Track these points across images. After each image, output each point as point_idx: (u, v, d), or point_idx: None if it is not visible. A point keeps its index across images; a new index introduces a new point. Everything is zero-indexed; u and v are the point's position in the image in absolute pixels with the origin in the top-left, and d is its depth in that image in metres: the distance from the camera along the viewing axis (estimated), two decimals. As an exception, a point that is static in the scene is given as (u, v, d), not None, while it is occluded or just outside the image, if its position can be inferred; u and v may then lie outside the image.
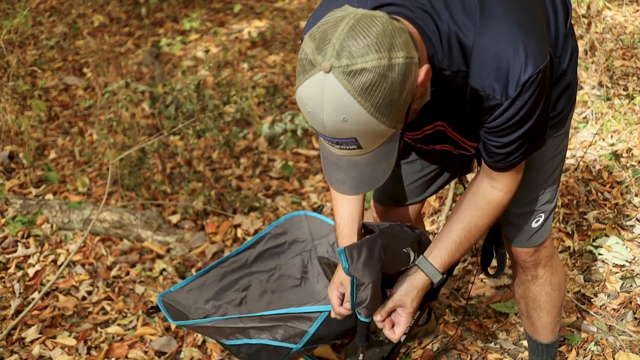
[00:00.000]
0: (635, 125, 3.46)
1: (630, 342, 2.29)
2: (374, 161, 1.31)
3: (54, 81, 4.86)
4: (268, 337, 1.77)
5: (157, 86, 4.06)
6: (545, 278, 1.91)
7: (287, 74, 4.62)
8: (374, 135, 1.25)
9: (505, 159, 1.49)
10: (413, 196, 2.01)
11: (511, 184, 1.58)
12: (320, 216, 2.25)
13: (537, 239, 1.82)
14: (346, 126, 1.21)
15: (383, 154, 1.30)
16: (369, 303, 1.58)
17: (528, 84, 1.34)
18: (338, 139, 1.24)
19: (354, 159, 1.31)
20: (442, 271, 1.61)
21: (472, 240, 1.62)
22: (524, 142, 1.46)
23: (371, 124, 1.21)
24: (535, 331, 2.04)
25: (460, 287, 2.67)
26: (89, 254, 3.08)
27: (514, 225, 1.80)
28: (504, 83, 1.34)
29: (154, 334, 2.59)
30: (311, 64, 1.20)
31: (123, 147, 3.65)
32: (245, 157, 3.79)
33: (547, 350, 2.08)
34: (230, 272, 2.15)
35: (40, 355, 2.50)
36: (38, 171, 3.70)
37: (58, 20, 5.76)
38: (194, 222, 3.29)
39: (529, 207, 1.77)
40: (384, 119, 1.21)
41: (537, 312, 1.98)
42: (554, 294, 1.94)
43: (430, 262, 1.61)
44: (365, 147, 1.27)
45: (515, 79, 1.34)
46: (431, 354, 2.35)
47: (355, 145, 1.26)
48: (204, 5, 5.99)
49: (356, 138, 1.24)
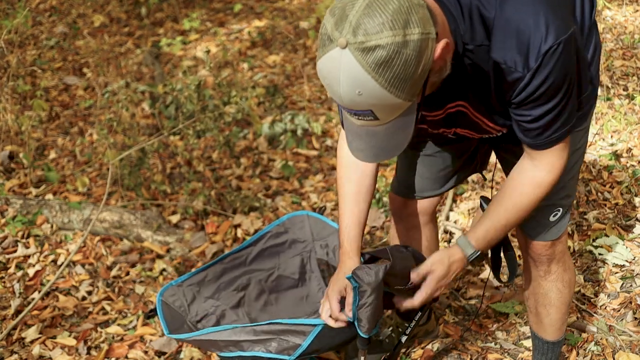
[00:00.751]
0: (635, 125, 3.47)
1: (630, 342, 2.29)
2: (391, 132, 1.36)
3: (54, 81, 4.86)
4: (262, 349, 1.76)
5: (157, 86, 4.06)
6: (558, 274, 1.90)
7: (287, 74, 4.62)
8: (389, 108, 1.30)
9: (540, 135, 1.49)
10: (432, 189, 2.03)
11: (554, 164, 1.55)
12: (322, 217, 2.24)
13: (554, 233, 1.82)
14: (361, 99, 1.27)
15: (400, 124, 1.35)
16: (369, 320, 1.60)
17: (549, 54, 1.35)
18: (355, 110, 1.31)
19: (372, 129, 1.36)
20: (477, 248, 1.63)
21: (511, 221, 1.62)
22: (555, 117, 1.45)
23: (386, 98, 1.26)
24: (543, 329, 2.03)
25: (461, 287, 2.67)
26: (89, 254, 3.08)
27: (532, 218, 1.78)
28: (525, 54, 1.36)
29: (154, 334, 2.59)
30: (329, 39, 1.26)
31: (123, 147, 3.65)
32: (245, 157, 3.79)
33: (552, 349, 2.07)
34: (230, 269, 2.15)
35: (40, 355, 2.50)
36: (38, 171, 3.70)
37: (58, 20, 5.76)
38: (194, 222, 3.29)
39: (548, 200, 1.73)
40: (398, 93, 1.26)
41: (546, 308, 1.97)
42: (565, 291, 1.93)
43: (467, 237, 1.64)
44: (382, 118, 1.32)
45: (536, 49, 1.35)
46: (431, 354, 2.35)
47: (372, 116, 1.31)
48: (204, 5, 5.99)
49: (372, 110, 1.29)
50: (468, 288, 2.65)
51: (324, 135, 3.88)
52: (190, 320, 2.03)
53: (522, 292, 2.56)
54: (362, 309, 1.60)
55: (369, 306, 1.59)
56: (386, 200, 3.23)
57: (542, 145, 1.52)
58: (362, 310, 1.60)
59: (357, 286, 1.54)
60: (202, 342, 1.87)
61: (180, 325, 1.96)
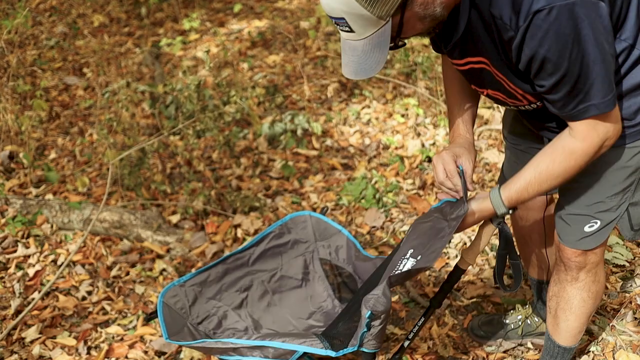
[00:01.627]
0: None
1: (630, 342, 2.29)
2: (367, 49, 1.45)
3: (54, 81, 4.86)
4: (260, 355, 1.77)
5: (157, 86, 4.06)
6: (585, 283, 1.87)
7: (287, 74, 4.62)
8: (360, 19, 1.39)
9: (564, 107, 1.49)
10: None
11: (588, 133, 1.53)
12: (324, 218, 2.24)
13: (587, 244, 1.79)
14: (334, 4, 1.38)
15: (375, 43, 1.44)
16: (378, 339, 1.63)
17: (540, 17, 1.34)
18: (331, 16, 1.42)
19: (352, 43, 1.47)
20: (508, 205, 1.67)
21: (542, 183, 1.62)
22: (571, 90, 1.45)
23: (354, 7, 1.36)
24: (558, 332, 2.01)
25: (461, 287, 2.67)
26: (89, 254, 3.08)
27: (566, 223, 1.79)
28: (517, 12, 1.37)
29: (154, 334, 2.58)
30: None
31: (123, 147, 3.65)
32: (245, 157, 3.78)
33: (563, 355, 2.04)
34: (233, 270, 2.15)
35: (40, 355, 2.50)
36: (38, 171, 3.70)
37: (58, 20, 5.76)
38: (194, 222, 3.29)
39: (584, 210, 1.74)
40: (367, 6, 1.36)
41: (565, 314, 1.94)
42: (589, 302, 1.90)
43: (499, 193, 1.67)
44: (357, 32, 1.42)
45: (527, 8, 1.35)
46: (432, 355, 2.35)
47: (347, 27, 1.42)
48: (204, 5, 5.99)
49: (345, 18, 1.40)
50: (468, 288, 2.65)
51: (324, 135, 3.88)
52: (191, 323, 2.03)
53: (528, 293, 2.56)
54: (371, 329, 1.61)
55: (379, 327, 1.61)
56: (386, 200, 3.23)
57: (571, 117, 1.52)
58: (371, 330, 1.62)
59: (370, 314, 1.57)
60: (201, 348, 1.87)
61: (180, 329, 1.96)
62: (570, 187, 1.73)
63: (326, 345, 1.69)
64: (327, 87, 4.32)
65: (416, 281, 2.72)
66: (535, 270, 2.23)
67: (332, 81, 4.38)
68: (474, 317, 2.46)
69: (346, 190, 3.34)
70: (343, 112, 4.06)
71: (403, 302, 2.63)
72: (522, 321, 2.33)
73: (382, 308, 1.56)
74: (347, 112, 4.06)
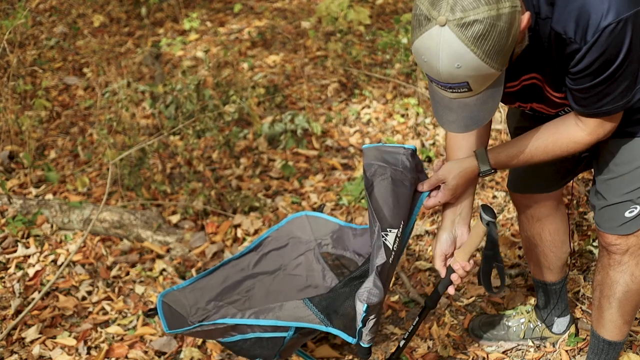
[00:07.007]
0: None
1: (630, 342, 2.29)
2: (481, 101, 1.48)
3: (54, 81, 4.86)
4: (260, 330, 1.77)
5: (157, 86, 4.06)
6: (628, 266, 1.87)
7: (287, 74, 4.62)
8: (483, 79, 1.42)
9: (591, 105, 1.55)
10: (546, 186, 2.06)
11: (597, 129, 1.62)
12: (321, 215, 2.24)
13: (628, 228, 1.81)
14: (459, 72, 1.39)
15: (490, 94, 1.48)
16: (372, 332, 1.63)
17: (608, 30, 1.41)
18: (451, 83, 1.43)
19: (464, 101, 1.49)
20: (493, 165, 1.72)
21: (534, 156, 1.69)
22: (605, 90, 1.51)
23: (482, 69, 1.39)
24: (602, 325, 2.00)
25: (461, 287, 2.67)
26: (89, 254, 3.08)
27: (606, 212, 1.81)
28: (584, 27, 1.43)
29: (154, 334, 2.59)
30: (427, 19, 1.38)
31: (123, 147, 3.65)
32: (245, 157, 3.79)
33: (608, 350, 2.03)
34: (233, 274, 2.15)
35: (40, 355, 2.50)
36: (38, 171, 3.70)
37: (58, 20, 5.76)
38: (194, 222, 3.29)
39: (623, 197, 1.78)
40: (492, 64, 1.39)
41: (609, 300, 1.94)
42: (633, 287, 1.89)
43: (487, 152, 1.72)
44: (475, 89, 1.45)
45: (595, 24, 1.42)
46: (432, 355, 2.35)
47: (466, 88, 1.44)
48: (204, 5, 5.99)
49: (468, 82, 1.42)
50: (468, 288, 2.65)
51: (324, 135, 3.88)
52: (191, 320, 2.03)
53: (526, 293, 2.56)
54: (367, 324, 1.61)
55: (374, 320, 1.61)
56: (386, 200, 3.22)
57: (587, 113, 1.58)
58: (367, 325, 1.61)
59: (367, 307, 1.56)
60: (202, 332, 1.87)
61: (180, 325, 1.96)
62: (607, 178, 1.79)
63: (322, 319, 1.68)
64: (327, 87, 4.32)
65: (416, 281, 2.73)
66: (542, 272, 2.23)
67: (332, 81, 4.38)
68: (474, 318, 2.46)
69: (346, 190, 3.34)
70: (343, 112, 4.06)
71: (403, 302, 2.63)
72: (524, 325, 2.33)
73: (377, 299, 1.55)
74: (347, 112, 4.06)
